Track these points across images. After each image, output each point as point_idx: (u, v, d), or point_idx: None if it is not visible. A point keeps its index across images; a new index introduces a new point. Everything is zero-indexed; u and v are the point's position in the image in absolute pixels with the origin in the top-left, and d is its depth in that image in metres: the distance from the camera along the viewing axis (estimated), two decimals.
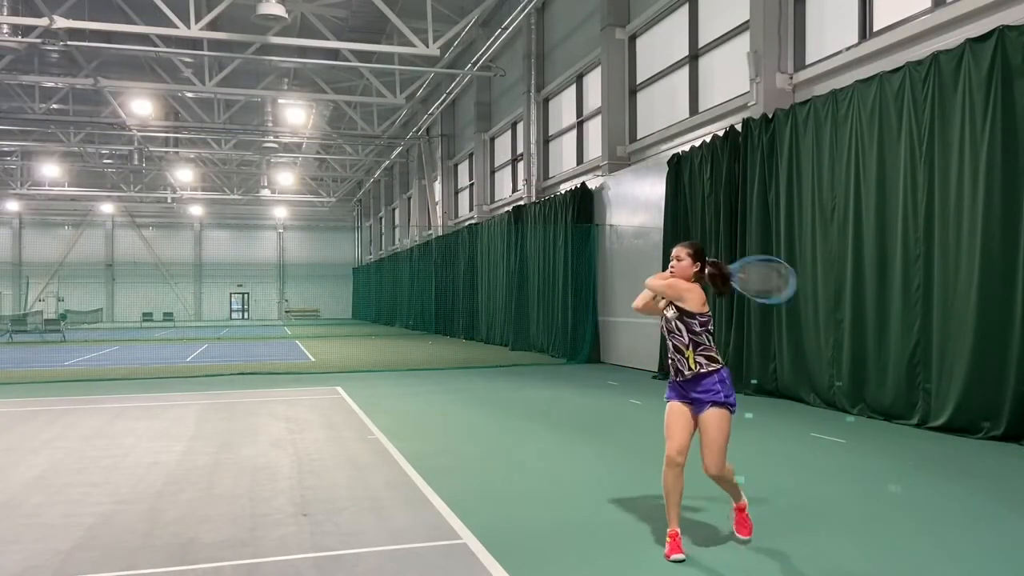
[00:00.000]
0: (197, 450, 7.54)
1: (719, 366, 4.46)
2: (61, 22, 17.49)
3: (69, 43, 20.32)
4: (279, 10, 16.58)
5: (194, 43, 24.01)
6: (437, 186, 33.66)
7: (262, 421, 9.32)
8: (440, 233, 31.24)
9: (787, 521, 5.08)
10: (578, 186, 17.86)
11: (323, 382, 13.62)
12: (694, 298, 4.47)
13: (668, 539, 4.37)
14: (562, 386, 12.85)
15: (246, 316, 56.46)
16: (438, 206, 33.36)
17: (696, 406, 4.44)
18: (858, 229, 9.67)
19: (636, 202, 15.81)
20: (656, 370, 13.92)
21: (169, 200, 50.24)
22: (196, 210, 54.12)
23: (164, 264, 54.93)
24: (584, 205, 17.55)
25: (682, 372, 4.46)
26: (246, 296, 57.01)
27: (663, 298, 4.64)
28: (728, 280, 4.61)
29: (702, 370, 4.41)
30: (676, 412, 4.48)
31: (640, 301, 4.75)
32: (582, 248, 17.48)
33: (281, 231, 57.78)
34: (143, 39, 22.64)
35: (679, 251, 4.59)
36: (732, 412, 4.45)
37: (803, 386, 10.55)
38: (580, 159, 19.42)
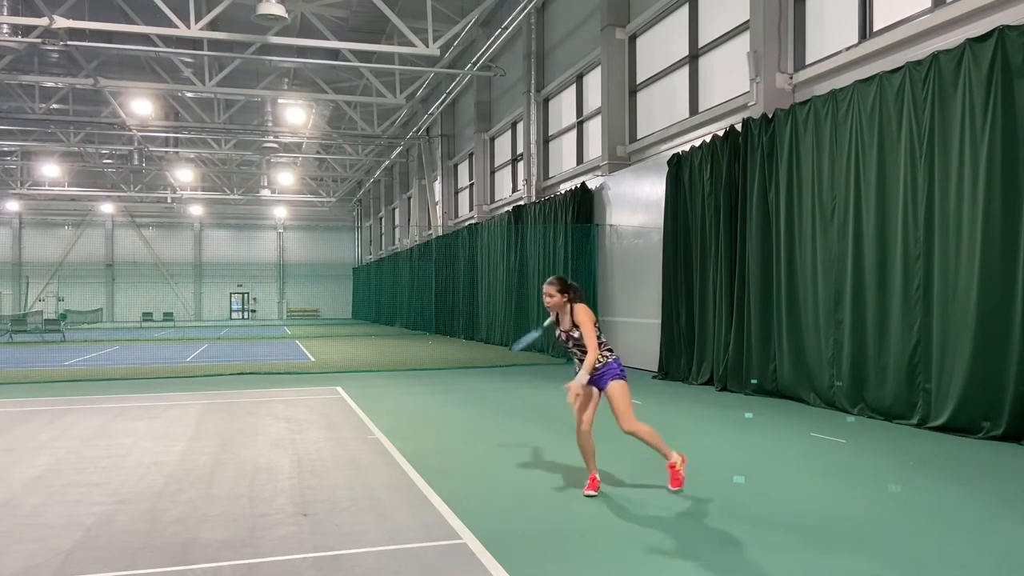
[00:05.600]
0: (197, 450, 7.54)
1: (614, 356, 5.78)
2: (61, 22, 17.50)
3: (69, 43, 20.32)
4: (279, 10, 16.57)
5: (194, 43, 24.03)
6: (437, 186, 33.65)
7: (262, 421, 9.32)
8: (440, 233, 31.23)
9: (787, 521, 5.08)
10: (578, 186, 17.86)
11: (323, 382, 13.62)
12: (588, 331, 5.62)
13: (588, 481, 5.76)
14: (562, 386, 12.82)
15: (246, 316, 56.45)
16: (438, 206, 33.35)
17: (599, 385, 5.74)
18: (858, 229, 9.67)
19: (636, 202, 15.81)
20: (656, 370, 13.92)
21: (169, 200, 50.28)
22: (196, 210, 54.12)
23: (164, 264, 54.94)
24: (584, 205, 17.55)
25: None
26: (246, 296, 56.99)
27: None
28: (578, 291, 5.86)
29: (606, 361, 5.73)
30: (583, 395, 5.72)
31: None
32: (582, 248, 17.48)
33: (281, 231, 57.78)
34: (143, 39, 22.67)
35: (547, 289, 5.80)
36: (626, 380, 5.74)
37: (803, 386, 10.55)
38: (580, 159, 19.42)
